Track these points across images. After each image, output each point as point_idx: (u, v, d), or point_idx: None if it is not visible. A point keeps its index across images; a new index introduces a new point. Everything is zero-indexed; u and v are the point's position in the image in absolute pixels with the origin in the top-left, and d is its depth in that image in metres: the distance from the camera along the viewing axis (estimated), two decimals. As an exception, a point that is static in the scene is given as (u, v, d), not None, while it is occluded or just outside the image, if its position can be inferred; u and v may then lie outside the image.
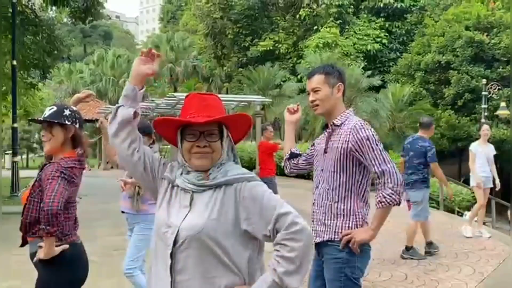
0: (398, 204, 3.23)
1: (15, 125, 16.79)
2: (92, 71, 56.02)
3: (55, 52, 20.39)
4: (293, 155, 3.82)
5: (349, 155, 3.28)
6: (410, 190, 7.78)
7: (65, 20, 28.73)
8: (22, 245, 3.48)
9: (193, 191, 2.27)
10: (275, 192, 8.87)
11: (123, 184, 5.27)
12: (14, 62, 15.22)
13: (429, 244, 7.99)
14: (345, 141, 3.28)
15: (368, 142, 3.22)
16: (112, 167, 28.31)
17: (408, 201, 8.06)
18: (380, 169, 3.20)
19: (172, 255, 2.23)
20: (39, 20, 19.65)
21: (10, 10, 16.18)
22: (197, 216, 2.21)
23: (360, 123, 3.30)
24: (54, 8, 20.59)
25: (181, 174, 2.33)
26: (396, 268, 7.29)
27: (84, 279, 3.51)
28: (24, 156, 61.23)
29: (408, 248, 7.78)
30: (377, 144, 3.24)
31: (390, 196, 3.18)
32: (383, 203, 3.20)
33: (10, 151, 20.30)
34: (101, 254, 8.41)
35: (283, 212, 2.14)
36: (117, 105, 2.40)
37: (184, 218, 2.23)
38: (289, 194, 12.86)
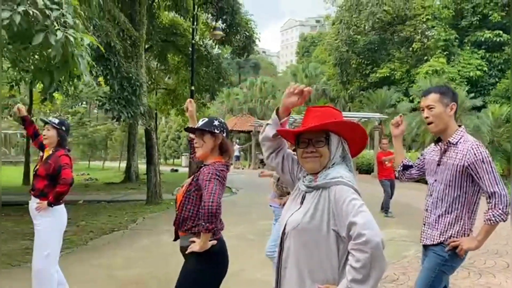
0: (505, 221, 3.00)
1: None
2: (245, 94, 57.54)
3: (221, 80, 21.18)
4: (406, 167, 3.56)
5: (464, 172, 3.04)
6: None
7: (225, 55, 29.89)
8: (175, 239, 3.30)
9: (305, 192, 2.16)
10: (385, 191, 8.80)
11: (262, 174, 5.64)
12: (192, 88, 16.08)
13: None
14: (462, 159, 3.03)
15: (483, 164, 2.98)
16: (259, 167, 29.04)
17: None
18: (491, 190, 2.96)
19: (281, 245, 2.19)
20: (210, 56, 20.60)
21: (190, 49, 17.14)
22: (299, 213, 2.11)
23: (477, 145, 3.04)
24: (220, 46, 21.44)
25: (304, 176, 2.23)
26: (498, 258, 6.94)
27: (226, 272, 3.22)
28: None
29: None
30: (491, 167, 2.99)
31: (499, 216, 2.96)
32: (491, 221, 2.98)
33: (187, 153, 21.47)
34: (257, 235, 8.75)
35: (353, 221, 1.91)
36: (267, 121, 2.35)
37: (291, 215, 2.15)
38: (405, 195, 12.58)
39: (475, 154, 3.00)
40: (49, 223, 4.43)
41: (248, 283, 5.77)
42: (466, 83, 31.84)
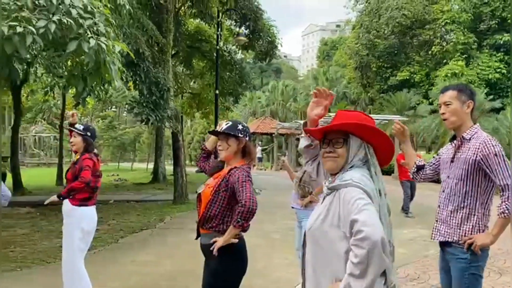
0: None
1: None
2: (267, 97, 57.66)
3: (244, 84, 21.20)
4: (419, 167, 3.46)
5: (477, 166, 2.93)
6: None
7: (248, 60, 29.92)
8: (197, 237, 3.29)
9: (326, 194, 2.15)
10: (405, 192, 8.78)
11: (283, 164, 5.81)
12: (217, 92, 16.13)
13: None
14: (474, 153, 2.93)
15: (496, 157, 2.87)
16: (281, 169, 29.01)
17: None
18: (504, 182, 2.85)
19: (303, 246, 2.21)
20: (233, 61, 20.65)
21: (214, 54, 17.22)
22: (314, 215, 2.13)
23: (489, 139, 2.95)
24: (244, 51, 21.48)
25: (327, 179, 2.22)
26: (518, 257, 6.81)
27: (246, 267, 3.19)
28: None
29: None
30: (504, 160, 2.87)
31: None
32: (505, 214, 2.85)
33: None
34: (281, 234, 8.74)
35: (355, 218, 1.88)
36: (301, 135, 2.42)
37: (311, 216, 2.16)
38: (425, 196, 12.40)
39: (487, 148, 2.91)
40: (74, 223, 4.56)
41: (273, 281, 5.77)
42: (485, 85, 31.32)
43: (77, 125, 4.80)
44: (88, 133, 4.70)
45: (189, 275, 5.74)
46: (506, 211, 2.86)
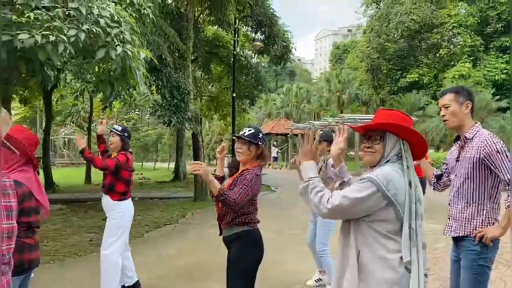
0: None
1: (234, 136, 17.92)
2: (281, 99, 57.43)
3: (260, 87, 21.22)
4: (438, 177, 3.44)
5: (481, 163, 2.94)
6: None
7: (263, 64, 29.91)
8: (220, 234, 3.41)
9: None
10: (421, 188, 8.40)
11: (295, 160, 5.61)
12: (234, 95, 16.19)
13: None
14: (477, 151, 2.94)
15: (498, 154, 2.88)
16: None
17: None
18: (508, 177, 2.85)
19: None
20: (250, 65, 20.69)
21: (231, 59, 17.29)
22: None
23: (491, 137, 2.96)
24: (259, 56, 21.51)
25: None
26: (525, 251, 6.72)
27: (263, 254, 3.35)
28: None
29: None
30: (506, 156, 2.88)
31: None
32: None
33: (229, 155, 21.63)
34: (295, 229, 8.74)
35: (341, 193, 2.11)
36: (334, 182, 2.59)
37: None
38: (436, 192, 12.34)
39: (489, 145, 2.92)
40: (118, 216, 4.78)
41: (287, 273, 5.81)
42: (491, 86, 31.04)
43: (115, 126, 5.03)
44: (125, 134, 4.95)
45: (210, 268, 5.82)
46: None
